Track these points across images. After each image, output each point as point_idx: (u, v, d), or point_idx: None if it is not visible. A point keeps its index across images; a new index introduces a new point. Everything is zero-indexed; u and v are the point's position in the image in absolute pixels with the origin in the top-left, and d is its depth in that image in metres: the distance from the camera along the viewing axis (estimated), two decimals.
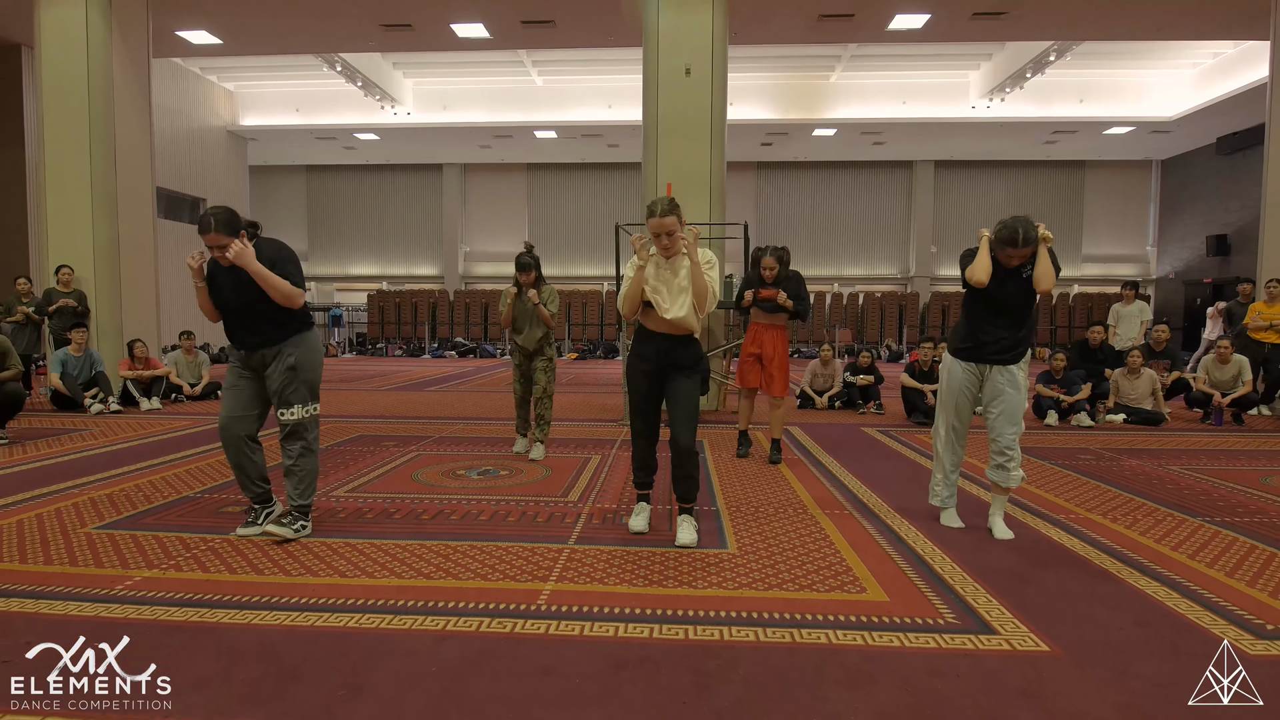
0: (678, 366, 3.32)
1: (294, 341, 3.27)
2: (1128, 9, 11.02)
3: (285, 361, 3.24)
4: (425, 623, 2.44)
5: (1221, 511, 3.93)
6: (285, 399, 3.26)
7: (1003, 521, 3.49)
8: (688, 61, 7.87)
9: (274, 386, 3.27)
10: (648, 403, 3.39)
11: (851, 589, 2.77)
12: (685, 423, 3.29)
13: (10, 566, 2.95)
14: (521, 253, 5.16)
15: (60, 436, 6.06)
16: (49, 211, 8.63)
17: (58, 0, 8.47)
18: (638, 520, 3.48)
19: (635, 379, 3.39)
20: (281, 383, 3.24)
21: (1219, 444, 6.15)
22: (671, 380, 3.34)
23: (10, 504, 3.89)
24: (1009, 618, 2.51)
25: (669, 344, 3.31)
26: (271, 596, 2.64)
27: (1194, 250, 19.52)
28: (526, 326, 5.18)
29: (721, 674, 2.11)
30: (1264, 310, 8.32)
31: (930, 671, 2.13)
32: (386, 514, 3.77)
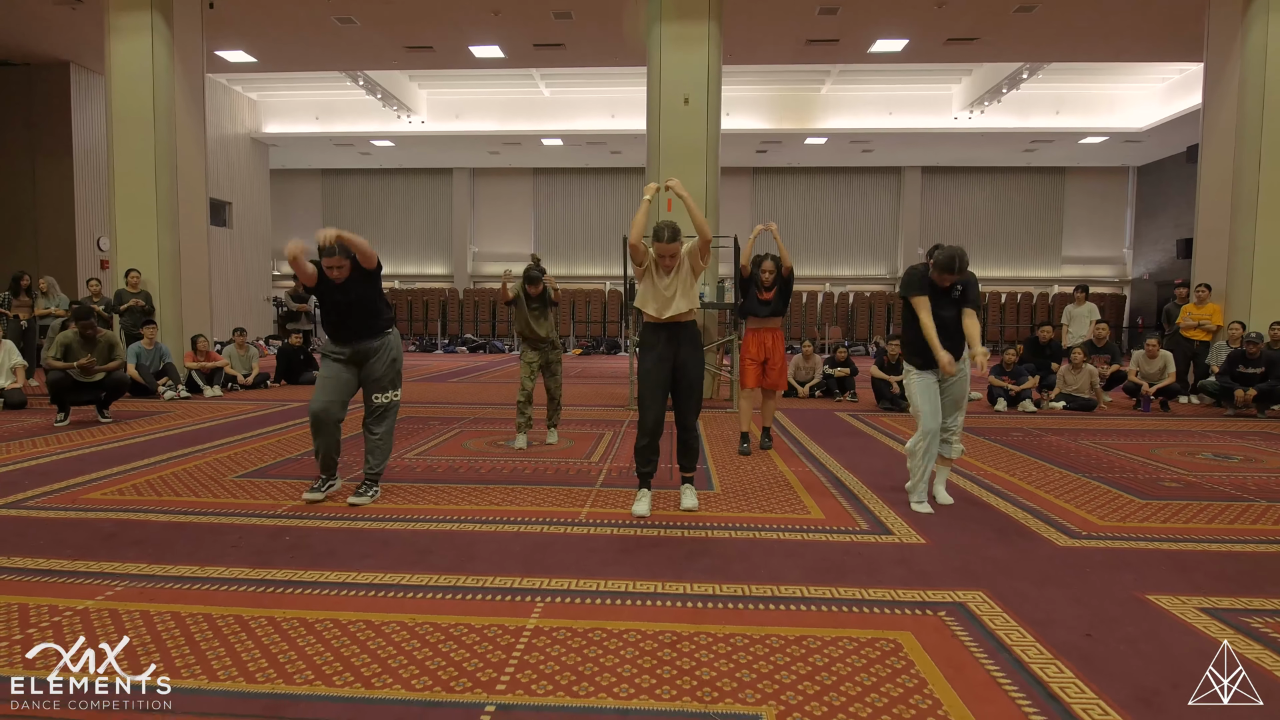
0: (684, 344, 3.77)
1: (392, 338, 4.17)
2: (1087, 36, 12.14)
3: (390, 354, 4.06)
4: (504, 528, 3.56)
5: (1099, 470, 5.06)
6: (383, 385, 4.01)
7: (944, 489, 4.11)
8: (686, 92, 8.97)
9: (376, 374, 3.99)
10: (658, 392, 3.73)
11: (799, 511, 3.91)
12: (691, 401, 3.78)
13: (190, 499, 4.07)
14: (530, 266, 5.60)
15: (152, 417, 7.17)
16: (118, 224, 9.71)
17: (127, 34, 9.55)
18: (641, 505, 3.79)
19: (646, 366, 3.76)
20: (383, 371, 4.04)
21: (1136, 426, 7.27)
22: (680, 360, 3.76)
23: (155, 462, 5.02)
24: (904, 526, 3.63)
25: (673, 330, 3.79)
26: (401, 515, 3.75)
27: (1166, 253, 20.65)
28: (535, 323, 5.58)
29: (704, 551, 3.24)
30: (1194, 311, 9.45)
31: (843, 552, 3.25)
32: (452, 469, 4.89)
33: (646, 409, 3.73)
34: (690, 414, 3.80)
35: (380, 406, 4.06)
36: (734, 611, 2.58)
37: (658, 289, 3.76)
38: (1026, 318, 21.17)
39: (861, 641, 2.35)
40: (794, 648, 2.30)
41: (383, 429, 4.08)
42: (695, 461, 3.91)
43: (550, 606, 2.61)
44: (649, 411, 3.73)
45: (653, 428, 3.76)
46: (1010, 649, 2.30)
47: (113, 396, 6.92)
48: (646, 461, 3.83)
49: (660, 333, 3.79)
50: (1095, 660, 2.24)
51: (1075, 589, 2.83)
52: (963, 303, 3.90)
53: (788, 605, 2.64)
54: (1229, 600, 2.73)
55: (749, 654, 2.26)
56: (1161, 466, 5.19)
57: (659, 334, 3.79)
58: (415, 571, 2.96)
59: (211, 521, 3.66)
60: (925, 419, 3.89)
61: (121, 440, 5.88)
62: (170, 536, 3.42)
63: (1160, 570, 3.05)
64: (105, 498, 4.10)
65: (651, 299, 3.78)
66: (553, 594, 2.73)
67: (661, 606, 2.63)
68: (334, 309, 3.97)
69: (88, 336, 6.64)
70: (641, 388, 3.78)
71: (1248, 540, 3.49)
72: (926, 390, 3.92)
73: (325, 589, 2.77)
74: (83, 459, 5.12)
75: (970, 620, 2.52)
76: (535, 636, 2.37)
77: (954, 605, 2.64)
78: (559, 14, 11.51)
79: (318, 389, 3.99)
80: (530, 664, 2.19)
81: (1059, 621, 2.52)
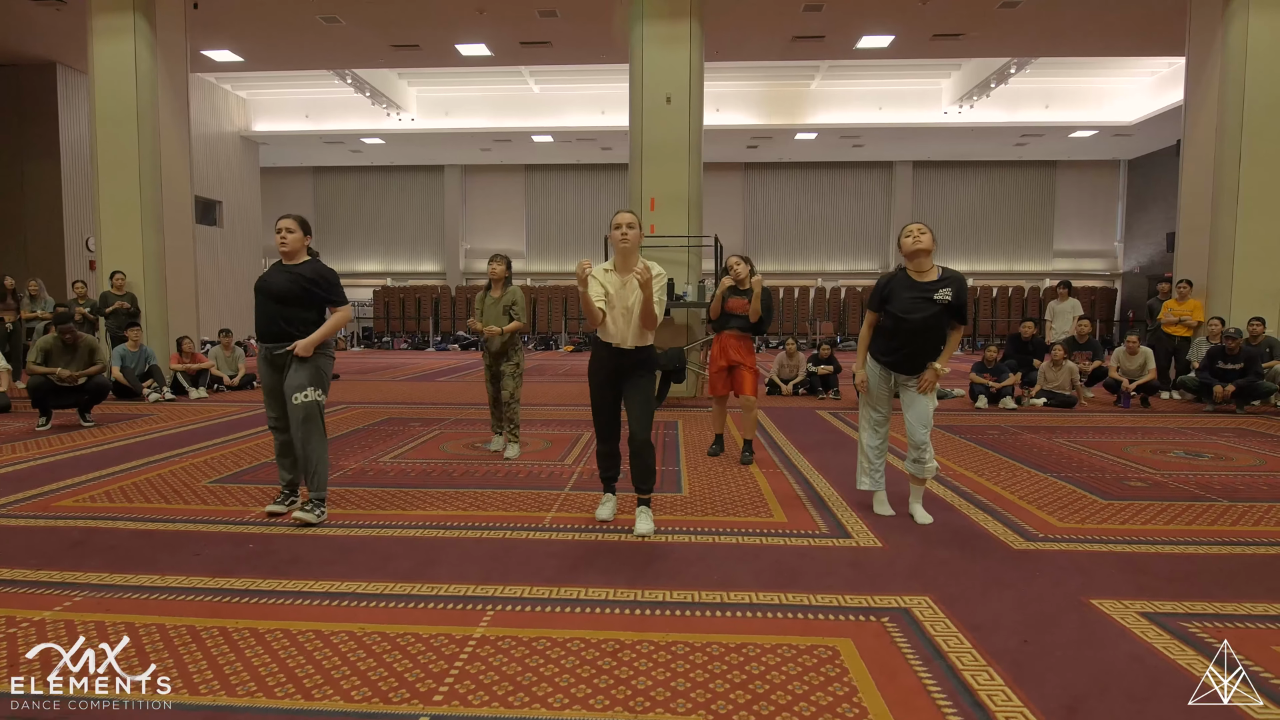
0: (633, 367, 3.61)
1: None
2: (1071, 31, 12.15)
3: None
4: (468, 534, 3.59)
5: (1068, 469, 5.10)
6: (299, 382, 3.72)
7: (922, 508, 3.88)
8: (668, 91, 8.98)
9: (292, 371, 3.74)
10: (607, 404, 3.67)
11: (763, 514, 3.95)
12: (641, 419, 3.59)
13: (160, 505, 4.10)
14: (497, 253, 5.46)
15: (134, 420, 7.20)
16: (102, 225, 9.73)
17: (109, 35, 9.54)
18: (604, 509, 3.82)
19: (596, 384, 3.66)
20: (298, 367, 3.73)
21: (1114, 423, 7.31)
22: (627, 380, 3.62)
23: (130, 468, 5.05)
24: (864, 529, 3.67)
25: (626, 352, 3.60)
26: (367, 522, 3.79)
27: (1157, 246, 20.69)
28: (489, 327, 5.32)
29: (662, 555, 3.28)
30: (1175, 307, 9.49)
31: (798, 556, 3.29)
32: (425, 474, 4.92)
33: (597, 414, 3.71)
34: (640, 423, 3.60)
35: (299, 408, 3.68)
36: (679, 619, 2.62)
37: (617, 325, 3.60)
38: (1018, 312, 21.17)
39: (800, 649, 2.39)
40: (733, 655, 2.35)
41: (309, 438, 3.70)
42: (651, 480, 3.68)
43: (500, 615, 2.65)
44: (600, 417, 3.71)
45: (607, 433, 3.74)
46: (945, 655, 2.34)
47: (94, 400, 6.94)
48: (608, 467, 3.84)
49: (607, 350, 3.64)
50: (1028, 666, 2.28)
51: (1021, 593, 2.87)
52: (949, 315, 3.66)
53: (733, 612, 2.68)
54: (1172, 604, 2.77)
55: (687, 662, 2.30)
56: (1131, 465, 5.23)
57: (608, 347, 3.64)
58: (374, 579, 2.99)
59: (178, 529, 3.69)
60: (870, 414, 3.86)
61: (100, 445, 5.91)
62: (136, 544, 3.45)
63: (1109, 573, 3.10)
64: (77, 505, 4.13)
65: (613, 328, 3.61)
66: (505, 601, 2.77)
67: (609, 614, 2.66)
68: (261, 292, 3.74)
69: (67, 342, 6.66)
70: (593, 398, 3.70)
71: (1201, 541, 3.53)
72: (875, 383, 3.83)
73: (280, 598, 2.81)
74: (58, 464, 5.16)
75: (911, 626, 2.56)
76: (480, 646, 2.41)
77: (898, 611, 2.68)
78: (544, 12, 11.50)
79: (265, 402, 3.88)
80: (470, 674, 2.23)
81: (1000, 626, 2.56)
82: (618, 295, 3.61)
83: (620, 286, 3.63)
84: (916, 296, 3.65)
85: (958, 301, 3.65)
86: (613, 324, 3.60)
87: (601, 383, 3.66)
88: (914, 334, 3.66)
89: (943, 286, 3.64)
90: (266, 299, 3.72)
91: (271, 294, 3.72)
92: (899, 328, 3.68)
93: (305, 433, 3.71)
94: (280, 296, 3.72)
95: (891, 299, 3.72)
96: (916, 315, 3.63)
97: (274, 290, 3.71)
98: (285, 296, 3.72)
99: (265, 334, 3.77)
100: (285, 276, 3.74)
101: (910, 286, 3.68)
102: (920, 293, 3.65)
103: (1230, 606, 2.74)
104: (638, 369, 3.64)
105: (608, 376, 3.64)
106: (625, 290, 3.62)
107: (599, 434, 3.76)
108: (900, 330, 3.68)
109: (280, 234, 3.77)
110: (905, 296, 3.67)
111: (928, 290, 3.64)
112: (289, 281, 3.72)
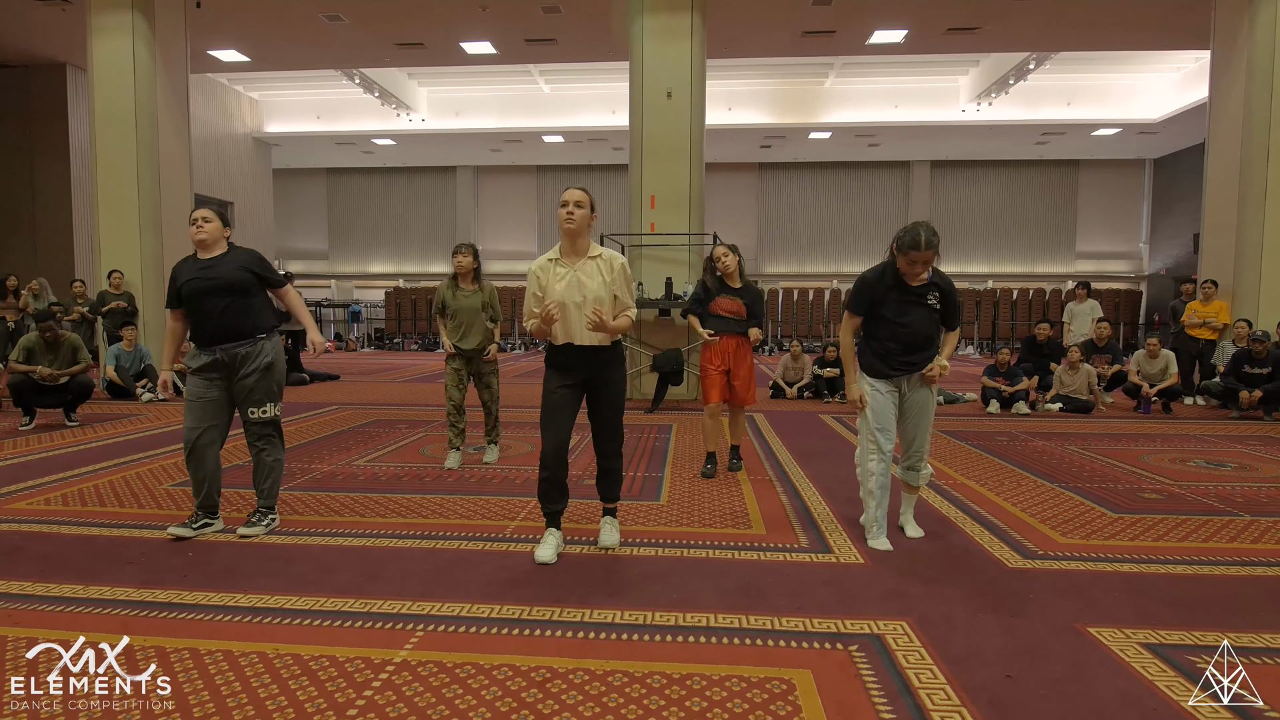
0: (601, 368, 3.17)
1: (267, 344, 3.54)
2: (1090, 24, 11.75)
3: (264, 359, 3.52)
4: (421, 544, 3.38)
5: (1077, 479, 4.78)
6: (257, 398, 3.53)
7: (914, 520, 3.62)
8: (669, 86, 8.73)
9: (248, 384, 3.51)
10: (562, 413, 3.14)
11: (741, 525, 3.69)
12: (612, 428, 3.21)
13: (114, 509, 3.93)
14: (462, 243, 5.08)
15: (121, 420, 7.08)
16: (100, 224, 9.68)
17: (108, 33, 9.48)
18: (544, 550, 3.13)
19: (550, 391, 3.17)
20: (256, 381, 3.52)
21: (1131, 429, 6.95)
22: (593, 391, 3.19)
23: (98, 469, 4.90)
24: (847, 544, 3.40)
25: (587, 353, 3.15)
26: (317, 529, 3.59)
27: (1183, 247, 20.06)
28: (466, 328, 4.91)
29: (623, 570, 3.04)
30: (1199, 309, 9.07)
31: (770, 572, 3.03)
32: (396, 478, 4.72)
33: (545, 435, 3.12)
34: (609, 441, 3.21)
35: (259, 422, 3.50)
36: (623, 644, 2.38)
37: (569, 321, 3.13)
38: (1039, 315, 20.65)
39: (752, 681, 2.14)
40: (675, 688, 2.10)
41: (271, 449, 3.56)
42: (618, 489, 3.32)
43: (429, 636, 2.43)
44: (547, 438, 3.11)
45: (552, 458, 3.10)
46: (914, 692, 2.08)
47: (79, 400, 6.84)
48: (553, 499, 3.17)
49: (571, 352, 3.15)
50: (1007, 707, 2.02)
51: (1010, 618, 2.59)
52: (940, 319, 3.36)
53: (686, 636, 2.43)
54: (1179, 634, 2.48)
55: (622, 696, 2.06)
56: (1146, 476, 4.91)
57: (569, 353, 3.16)
58: (307, 594, 2.78)
59: (120, 535, 3.51)
60: (879, 440, 3.36)
61: (77, 445, 5.78)
62: (73, 551, 3.28)
63: (1111, 597, 2.81)
64: (30, 508, 3.98)
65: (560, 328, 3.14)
66: (438, 621, 2.54)
67: (548, 637, 2.43)
68: (194, 296, 3.41)
69: (49, 340, 6.56)
70: (544, 403, 3.16)
71: (1218, 561, 3.23)
72: (881, 404, 3.38)
73: (200, 613, 2.61)
74: (29, 465, 5.02)
75: (881, 656, 2.29)
76: (398, 672, 2.18)
77: (868, 638, 2.42)
78: (547, 8, 11.32)
79: (185, 414, 3.48)
80: (377, 706, 2.00)
81: (981, 658, 2.29)
82: (566, 288, 3.12)
83: (570, 276, 3.14)
84: (908, 300, 3.31)
85: (947, 309, 3.36)
86: (562, 322, 3.11)
87: (557, 397, 3.13)
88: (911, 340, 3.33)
89: (932, 292, 3.33)
90: (214, 295, 3.41)
91: (222, 286, 3.42)
92: (894, 334, 3.33)
93: (266, 445, 3.56)
94: (232, 287, 3.43)
95: (884, 303, 3.35)
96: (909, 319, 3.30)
97: (224, 282, 3.42)
98: (237, 286, 3.44)
99: (216, 335, 3.41)
100: (227, 266, 3.46)
101: (902, 290, 3.33)
102: (913, 296, 3.32)
103: (1247, 638, 2.45)
104: (605, 370, 3.17)
105: (573, 383, 3.14)
106: (575, 279, 3.13)
107: (544, 457, 3.11)
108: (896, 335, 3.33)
109: (196, 224, 3.48)
110: (895, 300, 3.32)
111: (919, 295, 3.32)
112: (236, 269, 3.46)
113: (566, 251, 3.23)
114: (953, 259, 22.10)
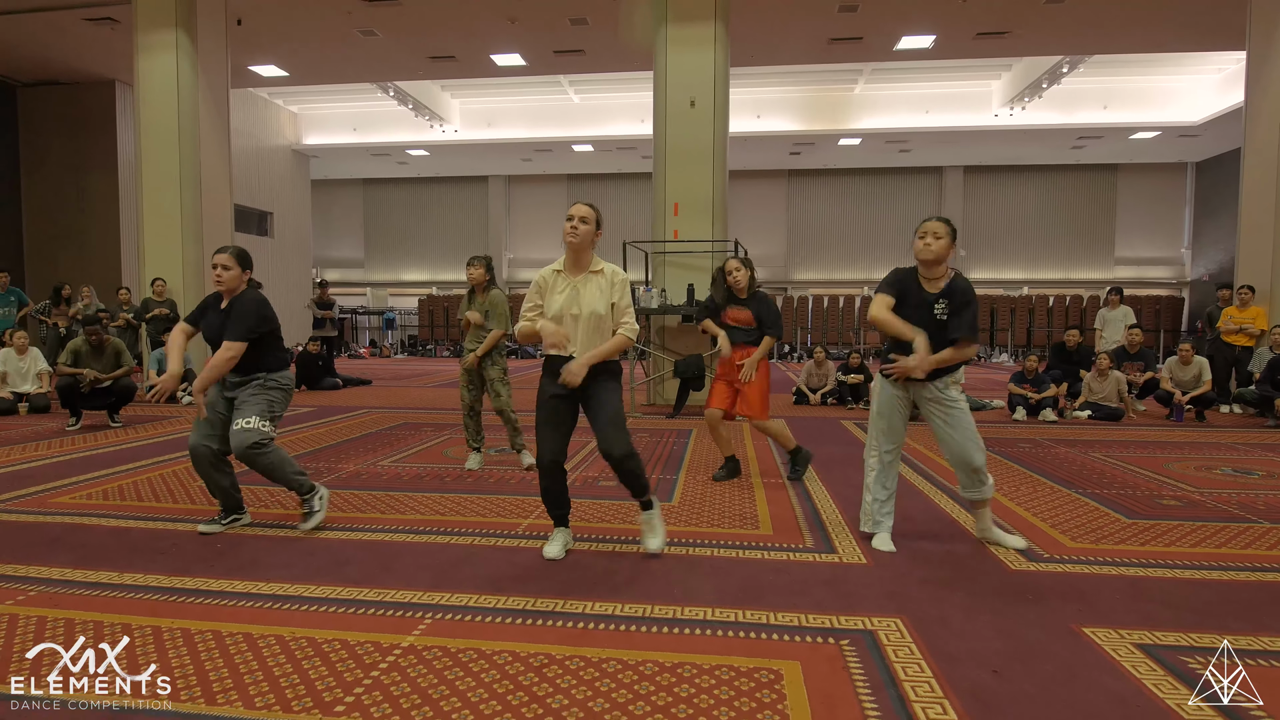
0: (592, 378, 3.13)
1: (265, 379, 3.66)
2: (1122, 26, 11.58)
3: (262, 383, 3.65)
4: (435, 539, 3.50)
5: (1097, 485, 4.74)
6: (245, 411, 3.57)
7: (994, 527, 3.47)
8: (692, 95, 8.84)
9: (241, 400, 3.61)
10: (556, 416, 3.16)
11: (749, 526, 3.74)
12: (615, 432, 3.12)
13: (150, 504, 4.13)
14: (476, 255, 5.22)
15: (163, 421, 7.38)
16: (145, 233, 10.09)
17: (153, 51, 9.91)
18: (552, 547, 3.25)
19: (544, 400, 3.17)
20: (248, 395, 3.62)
21: (1160, 437, 6.83)
22: (588, 393, 3.16)
23: (136, 467, 5.13)
24: (852, 545, 3.44)
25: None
26: (336, 525, 3.74)
27: (1228, 252, 19.51)
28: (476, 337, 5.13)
29: (628, 566, 3.12)
30: (1235, 315, 8.87)
31: (772, 571, 3.09)
32: (418, 478, 4.86)
33: (540, 445, 3.17)
34: (614, 445, 3.11)
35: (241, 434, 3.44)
36: (621, 634, 2.46)
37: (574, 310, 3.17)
38: (1075, 322, 20.25)
39: (740, 671, 2.20)
40: (665, 676, 2.17)
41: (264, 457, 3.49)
42: (641, 483, 3.21)
43: (435, 624, 2.54)
44: (542, 449, 3.16)
45: (548, 469, 3.16)
46: (899, 684, 2.13)
47: (122, 401, 7.14)
48: (555, 504, 3.26)
49: (564, 363, 3.12)
50: (991, 701, 2.05)
51: (1006, 619, 2.61)
52: (951, 329, 3.20)
53: (682, 629, 2.50)
54: (1175, 636, 2.48)
55: (614, 681, 2.14)
56: (1168, 483, 4.84)
57: (563, 363, 3.13)
58: (324, 583, 2.92)
59: (154, 527, 3.70)
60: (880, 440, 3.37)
61: (119, 444, 6.05)
62: (109, 542, 3.46)
63: (1112, 599, 2.81)
64: (71, 502, 4.20)
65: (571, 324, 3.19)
66: (446, 610, 2.65)
67: (549, 626, 2.52)
68: (210, 341, 3.63)
69: (95, 344, 6.87)
70: (539, 413, 3.19)
71: (1228, 567, 3.20)
72: (887, 398, 3.38)
73: (224, 599, 2.75)
74: (74, 462, 5.28)
75: (871, 650, 2.34)
76: (404, 655, 2.29)
77: (860, 633, 2.47)
78: (575, 20, 11.53)
79: (194, 425, 3.63)
80: (383, 685, 2.11)
81: (972, 655, 2.32)
82: (566, 300, 3.15)
83: (570, 289, 3.18)
84: (916, 304, 3.27)
85: (955, 318, 3.22)
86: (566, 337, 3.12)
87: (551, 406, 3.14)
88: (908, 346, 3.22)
89: (941, 299, 3.24)
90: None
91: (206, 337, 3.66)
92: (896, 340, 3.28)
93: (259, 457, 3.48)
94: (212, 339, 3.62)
95: (905, 300, 3.29)
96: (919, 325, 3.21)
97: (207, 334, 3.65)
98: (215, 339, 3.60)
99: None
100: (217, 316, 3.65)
101: (918, 292, 3.29)
102: (923, 302, 3.27)
103: (1245, 640, 2.44)
104: (597, 378, 3.14)
105: (566, 393, 3.12)
106: (577, 292, 3.17)
107: (540, 467, 3.16)
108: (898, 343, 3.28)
109: (216, 269, 3.60)
110: (910, 304, 3.27)
111: (931, 301, 3.26)
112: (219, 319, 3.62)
113: (570, 265, 3.25)
114: (987, 265, 21.81)
